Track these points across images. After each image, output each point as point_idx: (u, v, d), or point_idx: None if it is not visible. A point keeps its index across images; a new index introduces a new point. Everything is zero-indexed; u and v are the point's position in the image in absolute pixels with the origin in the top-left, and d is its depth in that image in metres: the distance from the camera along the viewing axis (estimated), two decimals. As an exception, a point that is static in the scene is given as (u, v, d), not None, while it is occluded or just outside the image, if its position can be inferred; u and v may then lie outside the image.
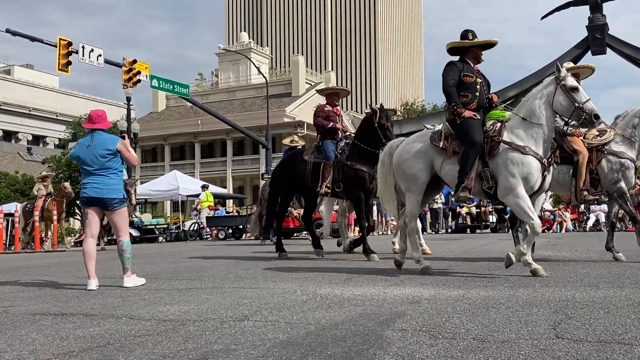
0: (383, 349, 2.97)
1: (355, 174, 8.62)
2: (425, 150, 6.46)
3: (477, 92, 6.43)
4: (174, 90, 27.47)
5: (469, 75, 6.44)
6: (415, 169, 6.44)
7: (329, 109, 9.41)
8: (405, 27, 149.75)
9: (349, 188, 8.73)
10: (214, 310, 4.34)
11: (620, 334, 3.13)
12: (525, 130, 6.04)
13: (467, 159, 6.05)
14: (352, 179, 8.66)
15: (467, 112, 6.23)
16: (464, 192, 6.08)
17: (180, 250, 13.67)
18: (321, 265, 7.78)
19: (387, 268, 7.10)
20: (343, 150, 8.95)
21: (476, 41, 6.56)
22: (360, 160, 8.63)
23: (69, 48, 21.83)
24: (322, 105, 9.60)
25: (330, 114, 9.32)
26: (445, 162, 6.35)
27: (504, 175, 5.93)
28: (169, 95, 52.81)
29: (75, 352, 3.19)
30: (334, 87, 9.84)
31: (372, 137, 8.60)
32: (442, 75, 6.50)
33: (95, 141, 6.22)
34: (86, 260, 6.16)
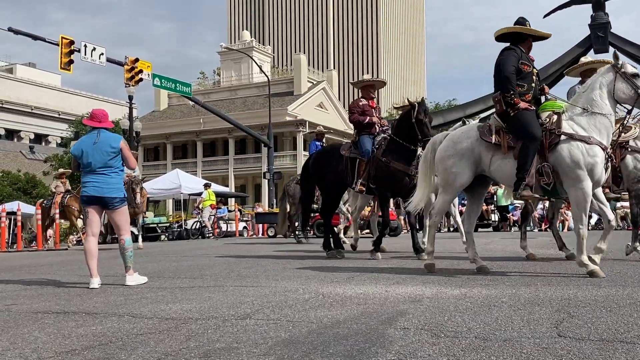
0: (385, 348, 2.97)
1: (388, 171, 8.30)
2: (471, 148, 6.07)
3: (532, 82, 6.08)
4: (176, 88, 27.49)
5: (526, 64, 6.07)
6: (458, 168, 6.09)
7: (364, 102, 9.00)
8: (407, 26, 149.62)
9: (379, 185, 8.47)
10: (216, 309, 4.34)
11: (623, 333, 3.12)
12: (587, 120, 5.72)
13: (526, 154, 5.70)
14: (384, 176, 8.36)
15: (522, 103, 5.87)
16: (526, 190, 5.76)
17: (183, 248, 13.69)
18: (323, 264, 7.78)
19: (388, 267, 7.09)
20: (380, 145, 8.59)
21: (537, 30, 6.21)
22: (396, 157, 8.27)
23: (71, 47, 21.84)
24: (357, 99, 9.19)
25: (366, 108, 8.93)
26: (495, 158, 5.99)
27: (570, 167, 5.59)
28: (171, 93, 52.83)
29: (77, 350, 3.20)
30: (369, 79, 9.35)
31: (409, 132, 8.24)
32: (501, 60, 6.07)
33: (100, 139, 6.24)
34: (88, 258, 6.17)
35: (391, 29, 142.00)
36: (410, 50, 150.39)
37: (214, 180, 38.16)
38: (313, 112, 54.43)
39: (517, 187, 5.81)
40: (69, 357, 3.08)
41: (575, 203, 5.69)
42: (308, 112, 53.24)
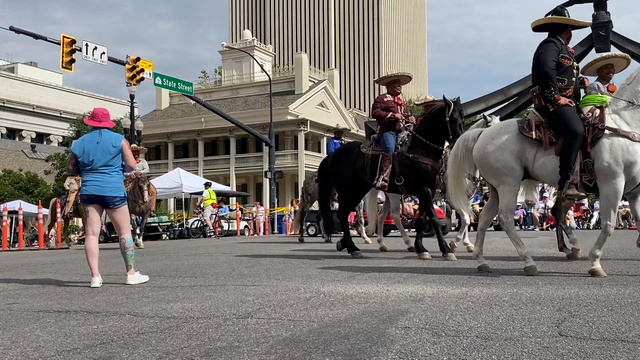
0: (386, 347, 2.97)
1: (419, 166, 8.06)
2: (514, 141, 5.83)
3: (573, 77, 5.85)
4: (178, 88, 27.50)
5: (566, 57, 5.83)
6: (505, 161, 5.81)
7: (389, 98, 8.75)
8: (408, 24, 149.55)
9: (411, 182, 8.20)
10: (217, 308, 4.35)
11: (624, 332, 3.12)
12: (631, 114, 5.54)
13: (569, 151, 5.50)
14: (415, 172, 8.10)
15: (563, 98, 5.66)
16: (572, 189, 5.55)
17: (184, 247, 13.68)
18: (324, 263, 7.78)
19: (389, 266, 7.09)
20: (404, 141, 8.35)
21: (577, 20, 5.99)
22: (423, 153, 8.07)
23: (72, 46, 21.85)
24: (382, 95, 8.93)
25: (390, 104, 8.67)
26: (539, 154, 5.75)
27: (606, 162, 5.42)
28: (173, 93, 52.86)
29: (79, 349, 3.20)
30: (394, 74, 9.07)
31: (439, 130, 8.00)
32: (540, 54, 5.83)
33: (103, 138, 6.25)
34: (89, 257, 6.18)
35: (392, 27, 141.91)
36: (411, 48, 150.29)
37: (215, 179, 38.17)
38: (314, 111, 54.43)
39: (562, 186, 5.60)
40: (71, 355, 3.08)
41: (606, 199, 5.55)
42: (309, 111, 53.23)
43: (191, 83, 29.13)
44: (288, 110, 51.66)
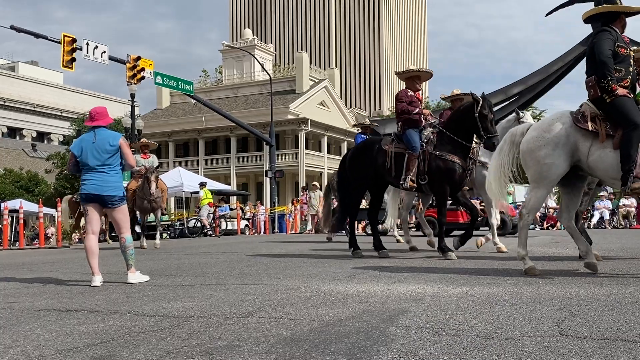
0: (387, 346, 2.97)
1: (445, 165, 7.78)
2: (566, 134, 5.55)
3: (630, 66, 5.64)
4: (178, 87, 27.52)
5: (623, 46, 5.59)
6: (552, 158, 5.53)
7: (411, 93, 8.40)
8: (409, 24, 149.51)
9: (434, 180, 7.90)
10: (218, 307, 4.35)
11: (625, 332, 3.12)
12: None
13: (630, 144, 5.27)
14: (440, 171, 7.81)
15: (620, 89, 5.44)
16: (637, 182, 5.29)
17: (184, 246, 13.68)
18: (325, 262, 7.78)
19: (390, 265, 7.09)
20: (429, 139, 8.03)
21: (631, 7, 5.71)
22: (451, 150, 7.80)
23: (73, 45, 21.86)
24: (404, 89, 8.54)
25: (413, 99, 8.33)
26: (594, 148, 5.48)
27: None
28: (173, 92, 52.85)
29: (79, 348, 3.20)
30: (415, 69, 8.73)
31: (468, 127, 7.77)
32: (596, 43, 5.59)
33: (98, 137, 6.24)
34: (89, 256, 6.18)
35: (393, 26, 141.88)
36: (412, 47, 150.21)
37: (215, 178, 38.19)
38: (315, 111, 54.40)
39: (625, 182, 5.34)
40: (71, 354, 3.08)
41: None
42: (310, 111, 53.20)
43: (192, 82, 29.14)
44: (289, 110, 51.65)
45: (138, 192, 12.98)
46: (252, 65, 57.23)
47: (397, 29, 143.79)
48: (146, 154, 13.70)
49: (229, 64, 61.78)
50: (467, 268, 6.52)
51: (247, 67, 59.38)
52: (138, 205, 13.03)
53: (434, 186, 8.01)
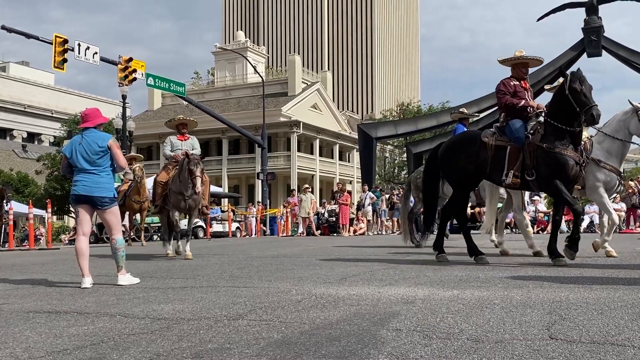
0: (377, 349, 2.97)
1: (554, 159, 6.90)
2: None
3: None
4: (170, 88, 27.46)
5: None
6: None
7: (515, 83, 7.60)
8: (402, 27, 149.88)
9: (544, 177, 7.03)
10: (209, 309, 4.34)
11: (614, 335, 3.14)
12: None
13: None
14: (550, 165, 6.94)
15: None
16: None
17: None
18: (316, 265, 7.78)
19: (381, 268, 7.10)
20: (535, 130, 7.16)
21: None
22: (560, 141, 6.92)
23: (64, 45, 21.76)
24: (506, 79, 7.71)
25: (518, 89, 7.54)
26: None
27: None
28: (165, 93, 52.73)
29: (69, 350, 3.19)
30: (522, 56, 7.75)
31: (565, 109, 6.91)
32: None
33: (86, 139, 6.21)
34: (79, 258, 6.15)
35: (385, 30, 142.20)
36: (404, 51, 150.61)
37: (207, 180, 37.95)
38: (307, 113, 54.42)
39: None
40: (61, 356, 3.06)
41: None
42: (302, 113, 53.21)
43: (184, 84, 29.09)
44: (281, 112, 51.65)
45: (172, 187, 9.77)
46: (244, 68, 57.20)
47: (390, 32, 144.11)
48: (184, 135, 10.54)
49: (221, 66, 61.71)
50: (457, 271, 6.53)
51: (240, 69, 59.33)
52: (173, 203, 9.82)
53: (543, 183, 7.17)
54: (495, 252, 8.73)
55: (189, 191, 9.53)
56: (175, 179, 9.74)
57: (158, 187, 10.29)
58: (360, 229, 23.05)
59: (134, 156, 17.78)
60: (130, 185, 16.48)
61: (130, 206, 16.45)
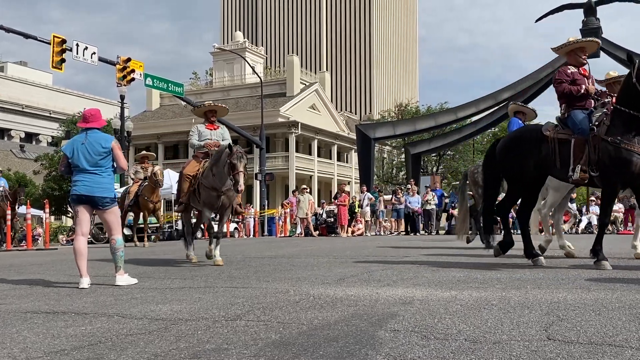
0: (375, 349, 2.98)
1: (617, 154, 6.41)
2: None
3: None
4: (168, 89, 27.47)
5: None
6: None
7: (572, 70, 7.15)
8: (400, 28, 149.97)
9: (606, 173, 6.56)
10: (206, 310, 4.34)
11: (611, 336, 3.14)
12: None
13: None
14: (611, 160, 6.45)
15: None
16: None
17: (173, 249, 13.63)
18: (314, 266, 7.78)
19: (379, 269, 7.10)
20: (601, 122, 6.66)
21: None
22: (626, 135, 6.41)
23: (62, 45, 21.74)
24: (563, 67, 7.29)
25: (576, 76, 7.07)
26: None
27: None
28: (163, 93, 52.71)
29: (66, 351, 3.18)
30: (578, 40, 7.21)
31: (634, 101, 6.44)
32: None
33: (89, 139, 6.22)
34: (77, 258, 6.14)
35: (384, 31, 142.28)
36: (402, 51, 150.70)
37: (205, 180, 37.88)
38: (305, 114, 54.44)
39: None
40: (58, 357, 3.06)
41: None
42: (300, 114, 53.22)
43: (182, 84, 29.08)
44: (279, 113, 51.65)
45: (203, 181, 8.37)
46: (242, 68, 57.18)
47: (388, 33, 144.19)
48: (213, 124, 9.21)
49: (219, 66, 61.71)
50: (455, 272, 6.54)
51: (238, 70, 59.32)
52: (204, 198, 8.42)
53: (605, 181, 6.70)
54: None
55: (224, 187, 8.20)
56: (207, 173, 8.28)
57: (185, 182, 8.74)
58: (358, 229, 23.05)
59: (146, 155, 17.08)
60: (141, 185, 15.89)
61: (146, 206, 15.75)
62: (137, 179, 16.16)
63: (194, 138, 9.04)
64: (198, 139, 8.98)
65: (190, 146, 9.15)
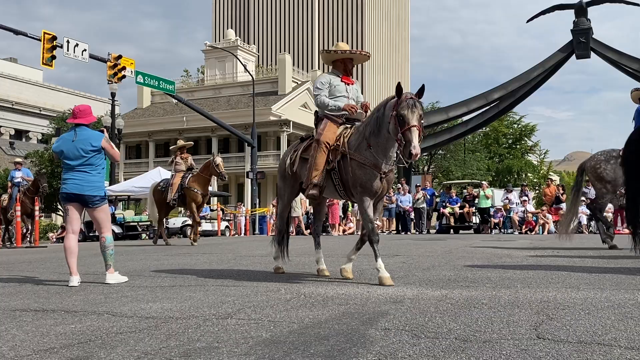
0: (366, 348, 2.98)
1: None
2: None
3: None
4: (160, 86, 27.36)
5: None
6: None
7: None
8: (392, 28, 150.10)
9: None
10: (197, 308, 4.33)
11: (600, 335, 3.16)
12: None
13: None
14: None
15: None
16: None
17: (164, 247, 13.59)
18: (305, 265, 7.78)
19: (370, 268, 7.10)
20: None
21: None
22: None
23: (53, 42, 21.63)
24: None
25: None
26: None
27: None
28: (155, 91, 52.53)
29: (56, 349, 3.17)
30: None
31: None
32: None
33: (79, 136, 6.17)
34: (67, 256, 6.11)
35: (376, 30, 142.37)
36: (394, 51, 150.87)
37: (196, 179, 37.78)
38: (297, 112, 54.41)
39: None
40: (48, 355, 3.04)
41: None
42: (292, 112, 53.19)
43: (173, 82, 28.98)
44: (271, 111, 51.60)
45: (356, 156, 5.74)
46: (234, 66, 57.09)
47: (380, 32, 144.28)
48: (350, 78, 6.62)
49: (211, 64, 61.57)
50: (446, 271, 6.56)
51: (230, 68, 59.22)
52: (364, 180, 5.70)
53: None
54: None
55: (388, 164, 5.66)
56: (359, 142, 5.73)
57: (320, 154, 5.93)
58: (349, 228, 23.07)
59: (184, 145, 15.39)
60: (184, 176, 14.27)
61: (195, 198, 13.93)
62: (178, 170, 14.47)
63: (323, 94, 6.27)
64: (327, 94, 6.30)
65: (319, 105, 6.29)
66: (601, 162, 10.24)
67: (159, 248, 13.15)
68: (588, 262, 7.50)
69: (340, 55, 6.40)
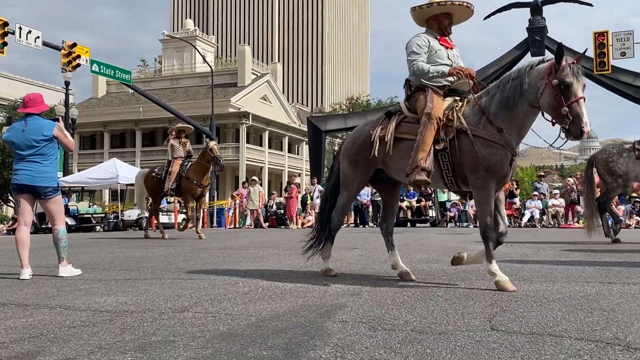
0: (323, 340, 2.99)
1: None
2: None
3: None
4: (115, 75, 26.83)
5: None
6: None
7: None
8: (352, 23, 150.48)
9: None
10: (153, 302, 4.27)
11: (552, 327, 3.24)
12: None
13: None
14: None
15: None
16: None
17: (119, 239, 13.36)
18: (264, 258, 7.76)
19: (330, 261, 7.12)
20: None
21: None
22: None
23: (4, 28, 20.96)
24: None
25: None
26: None
27: None
28: (110, 80, 51.50)
29: (6, 343, 3.08)
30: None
31: None
32: None
33: (29, 126, 6.00)
34: (19, 248, 5.95)
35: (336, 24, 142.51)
36: (354, 45, 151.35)
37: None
38: (256, 105, 54.12)
39: None
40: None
41: None
42: (251, 105, 52.88)
43: (130, 71, 28.44)
44: (230, 103, 51.19)
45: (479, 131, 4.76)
46: (192, 57, 56.40)
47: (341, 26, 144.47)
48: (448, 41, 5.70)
49: (169, 54, 60.69)
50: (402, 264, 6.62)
51: (188, 58, 58.48)
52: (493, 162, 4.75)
53: None
54: None
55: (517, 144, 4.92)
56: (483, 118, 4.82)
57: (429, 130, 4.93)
58: (308, 221, 23.09)
59: (182, 127, 14.11)
60: (183, 164, 13.15)
61: (192, 190, 12.80)
62: (178, 158, 13.25)
63: (420, 59, 5.16)
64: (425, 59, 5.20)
65: (416, 72, 5.14)
66: (613, 156, 10.04)
67: (113, 240, 12.91)
68: (540, 255, 7.69)
69: (437, 9, 5.23)
